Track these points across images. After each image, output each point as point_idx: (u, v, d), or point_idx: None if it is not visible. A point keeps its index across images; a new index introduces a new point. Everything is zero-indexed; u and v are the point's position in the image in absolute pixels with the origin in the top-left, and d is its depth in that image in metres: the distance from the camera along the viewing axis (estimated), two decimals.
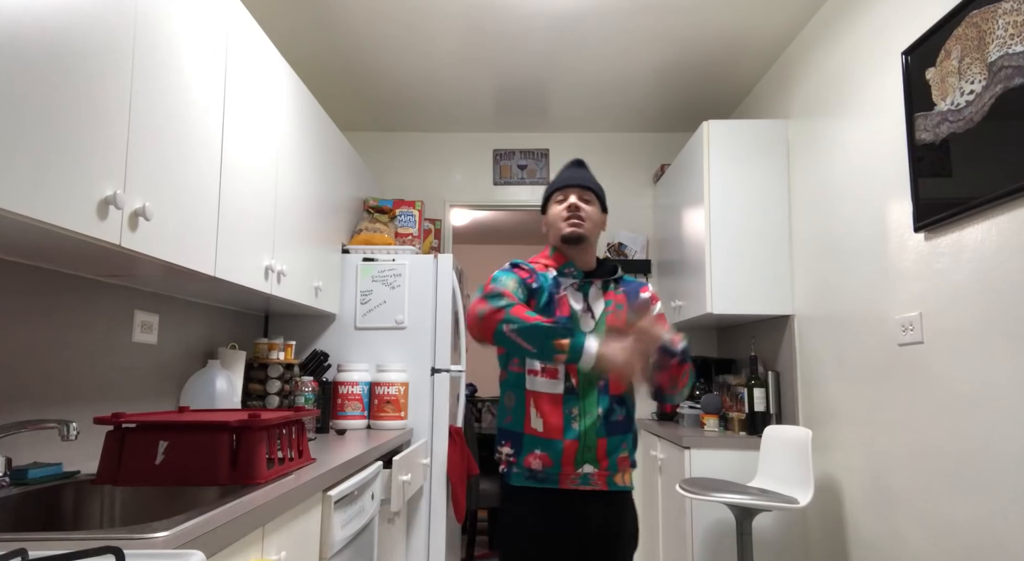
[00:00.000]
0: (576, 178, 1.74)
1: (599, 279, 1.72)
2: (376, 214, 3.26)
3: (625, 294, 1.74)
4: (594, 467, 1.60)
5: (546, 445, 1.59)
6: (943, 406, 1.89)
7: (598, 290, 1.71)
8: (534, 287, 1.65)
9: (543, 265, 1.74)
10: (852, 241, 2.41)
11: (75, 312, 1.65)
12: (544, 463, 1.59)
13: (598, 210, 1.75)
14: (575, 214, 1.69)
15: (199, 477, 1.36)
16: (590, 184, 1.74)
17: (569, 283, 1.69)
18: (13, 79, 1.03)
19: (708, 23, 2.80)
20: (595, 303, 1.69)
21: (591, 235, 1.71)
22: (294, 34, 2.91)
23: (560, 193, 1.74)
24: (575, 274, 1.71)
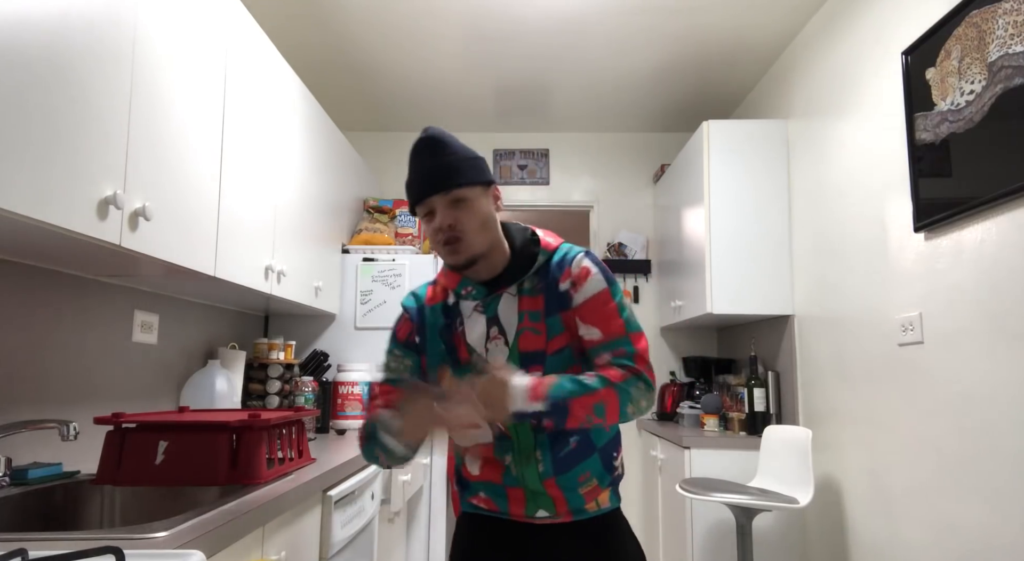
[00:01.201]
0: (434, 176, 1.19)
1: (507, 285, 1.24)
2: (376, 214, 3.26)
3: (544, 293, 1.24)
4: (550, 512, 1.24)
5: (487, 489, 1.28)
6: (943, 406, 1.89)
7: (511, 298, 1.24)
8: (416, 341, 1.29)
9: (440, 288, 1.31)
10: (852, 241, 2.41)
11: (75, 312, 1.65)
12: (489, 507, 1.29)
13: (480, 201, 1.22)
14: (450, 237, 1.19)
15: (199, 477, 1.36)
16: (454, 178, 1.19)
17: (472, 307, 1.26)
18: (13, 80, 1.03)
19: (708, 23, 2.80)
20: (507, 321, 1.23)
21: (482, 246, 1.21)
22: (294, 34, 2.91)
23: (423, 206, 1.22)
24: (474, 293, 1.25)
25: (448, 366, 1.25)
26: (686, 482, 2.50)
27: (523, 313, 1.23)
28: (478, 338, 1.24)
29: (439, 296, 1.31)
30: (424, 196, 1.20)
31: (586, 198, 4.04)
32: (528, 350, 1.22)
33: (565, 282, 1.24)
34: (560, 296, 1.23)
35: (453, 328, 1.27)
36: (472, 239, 1.20)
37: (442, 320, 1.28)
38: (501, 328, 1.23)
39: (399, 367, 1.30)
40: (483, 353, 1.23)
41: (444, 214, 1.19)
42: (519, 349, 1.22)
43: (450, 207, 1.19)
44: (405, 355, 1.30)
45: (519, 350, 1.22)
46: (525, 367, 1.20)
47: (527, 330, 1.22)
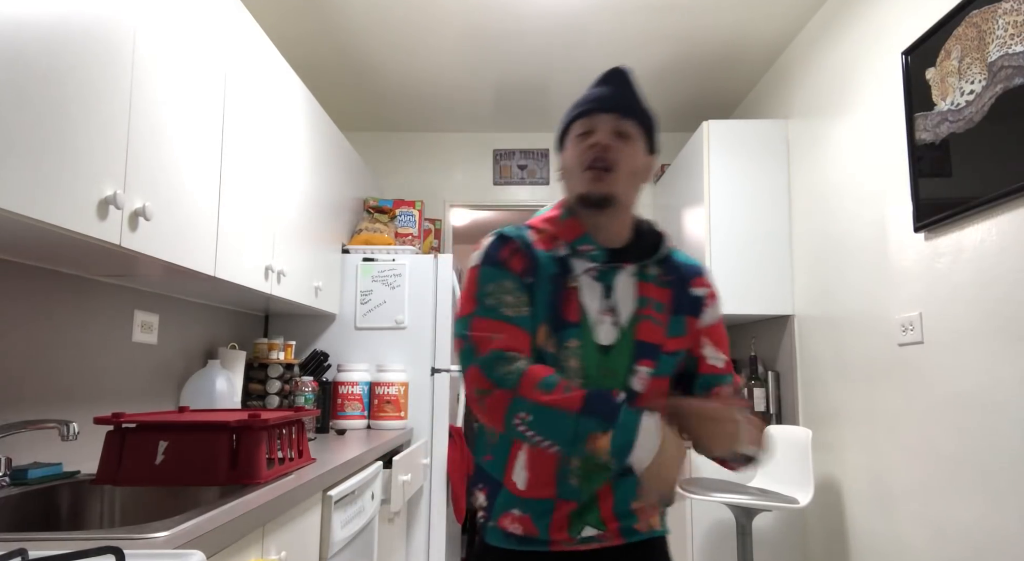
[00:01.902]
0: (611, 98, 1.09)
1: (631, 262, 1.11)
2: (376, 214, 3.26)
3: (671, 288, 1.13)
4: (599, 529, 1.06)
5: (527, 506, 1.06)
6: (943, 406, 1.89)
7: (630, 278, 1.10)
8: (529, 282, 1.07)
9: (548, 236, 1.12)
10: (852, 241, 2.41)
11: (75, 312, 1.65)
12: (525, 529, 1.07)
13: (642, 151, 1.11)
14: (601, 158, 1.07)
15: (199, 477, 1.36)
16: (632, 109, 1.10)
17: (584, 268, 1.08)
18: (13, 80, 1.03)
19: (708, 23, 2.80)
20: (623, 300, 1.08)
21: (625, 194, 1.09)
22: (294, 34, 2.91)
23: (583, 122, 1.10)
24: (594, 253, 1.09)
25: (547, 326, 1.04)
26: (686, 482, 2.50)
27: (646, 299, 1.09)
28: (589, 301, 1.06)
29: (547, 244, 1.10)
30: (594, 110, 1.09)
31: None
32: (646, 340, 1.07)
33: (700, 289, 1.15)
34: (692, 301, 1.14)
35: (564, 283, 1.07)
36: (622, 176, 1.07)
37: (554, 268, 1.07)
38: (613, 306, 1.07)
39: (519, 302, 1.04)
40: (594, 323, 1.05)
41: (604, 136, 1.08)
42: (635, 336, 1.06)
43: (614, 135, 1.08)
44: (521, 291, 1.05)
45: (635, 338, 1.06)
46: (636, 359, 1.06)
47: (649, 319, 1.08)
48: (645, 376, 1.06)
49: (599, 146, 1.07)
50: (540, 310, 1.06)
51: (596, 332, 1.05)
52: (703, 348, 1.14)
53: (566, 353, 1.04)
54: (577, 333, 1.04)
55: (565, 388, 0.95)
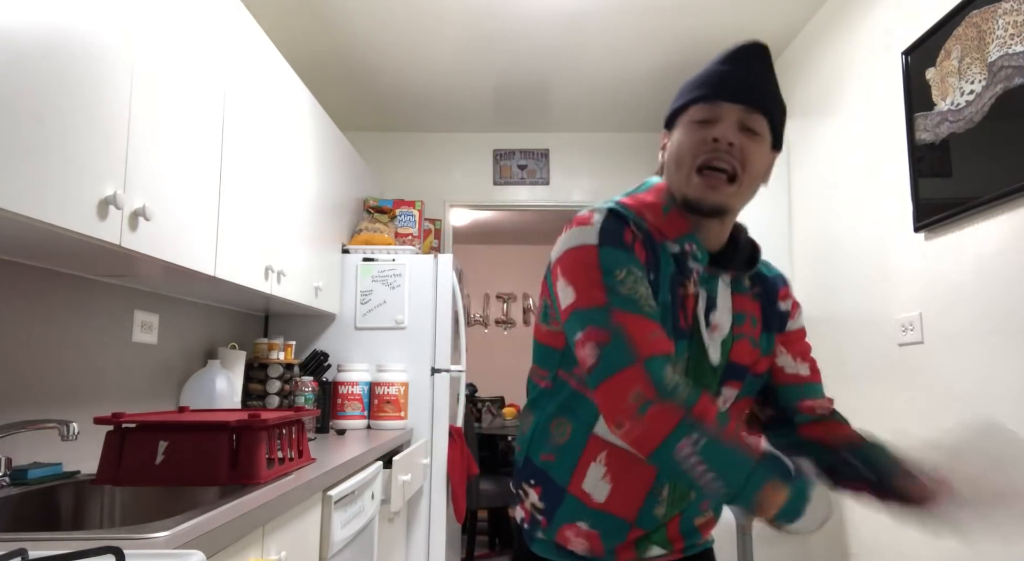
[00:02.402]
0: (744, 85, 0.91)
1: (731, 271, 0.98)
2: (376, 214, 3.26)
3: (760, 301, 1.01)
4: (664, 549, 0.99)
5: (600, 521, 0.95)
6: (943, 406, 1.89)
7: (725, 288, 0.97)
8: (651, 278, 0.91)
9: (656, 228, 0.95)
10: (852, 241, 2.41)
11: (75, 312, 1.65)
12: (590, 545, 0.96)
13: (768, 150, 0.95)
14: (723, 161, 0.90)
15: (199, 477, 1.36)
16: (766, 101, 0.92)
17: (694, 269, 0.95)
18: (13, 80, 1.03)
19: (708, 23, 2.80)
20: (722, 314, 0.96)
21: (741, 204, 0.96)
22: (294, 34, 2.91)
23: (704, 109, 0.92)
24: (698, 255, 0.95)
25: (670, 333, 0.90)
26: None
27: (743, 315, 0.96)
28: (703, 313, 0.93)
29: (657, 237, 0.94)
30: (722, 97, 0.91)
31: (586, 198, 4.04)
32: (739, 362, 0.96)
33: (786, 302, 1.04)
34: (779, 315, 1.03)
35: (683, 285, 0.92)
36: (744, 184, 0.91)
37: (673, 267, 0.93)
38: (715, 318, 0.94)
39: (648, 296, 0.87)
40: (706, 337, 0.93)
41: (730, 130, 0.90)
42: (730, 358, 0.95)
43: (740, 129, 0.91)
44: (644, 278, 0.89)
45: (730, 358, 0.95)
46: (725, 380, 0.95)
47: (746, 338, 0.96)
48: (730, 398, 0.97)
49: (722, 144, 0.89)
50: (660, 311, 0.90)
51: (708, 346, 0.93)
52: (779, 357, 1.03)
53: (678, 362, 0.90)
54: (687, 346, 0.91)
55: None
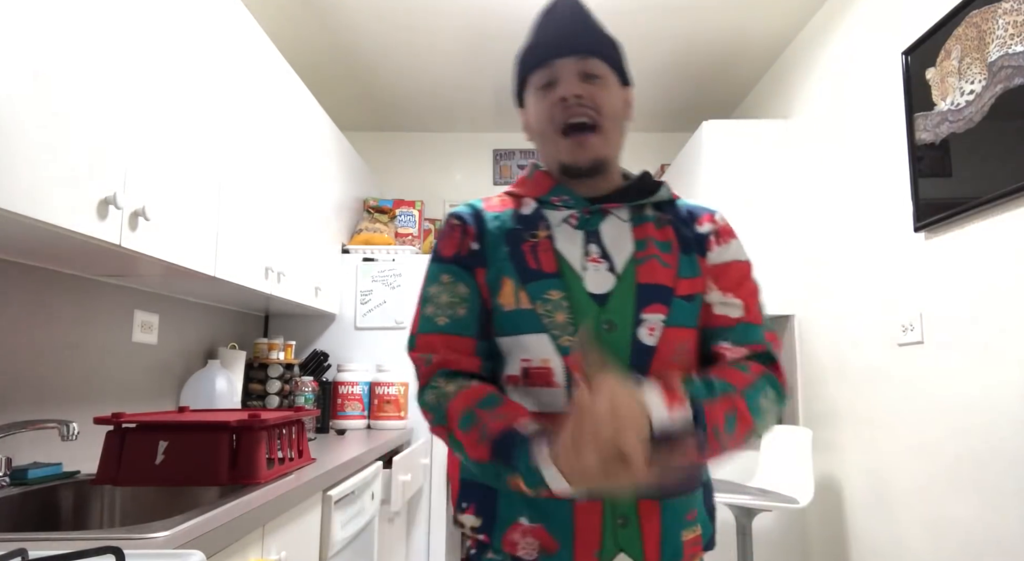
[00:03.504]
0: (567, 37, 0.92)
1: (620, 203, 0.95)
2: (376, 214, 3.26)
3: (673, 226, 0.95)
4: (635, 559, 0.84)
5: (542, 509, 0.85)
6: (943, 406, 1.89)
7: (622, 223, 0.93)
8: (475, 249, 0.94)
9: (513, 198, 0.99)
10: (852, 241, 2.41)
11: (75, 312, 1.65)
12: (544, 545, 0.84)
13: (617, 89, 0.95)
14: (577, 114, 0.91)
15: (199, 477, 1.36)
16: (595, 44, 0.93)
17: (562, 217, 0.94)
18: (13, 81, 1.03)
19: (708, 23, 2.80)
20: (615, 246, 0.91)
21: (615, 149, 0.95)
22: (294, 34, 2.91)
23: (542, 73, 0.94)
24: (570, 202, 0.94)
25: (512, 281, 0.89)
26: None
27: (647, 240, 0.92)
28: (568, 248, 0.90)
29: (508, 205, 0.98)
30: (552, 56, 0.92)
31: None
32: (652, 283, 0.88)
33: (705, 225, 0.96)
34: (698, 238, 0.95)
35: (525, 236, 0.92)
36: (607, 129, 0.91)
37: (511, 224, 0.94)
38: (604, 251, 0.90)
39: (454, 301, 0.91)
40: (578, 272, 0.89)
41: (572, 84, 0.90)
42: (638, 279, 0.88)
43: (581, 80, 0.91)
44: (458, 278, 0.93)
45: (637, 281, 0.88)
46: (642, 306, 0.87)
47: (653, 258, 0.90)
48: (658, 324, 0.86)
49: (570, 99, 0.90)
50: (500, 268, 0.91)
51: (584, 281, 0.88)
52: (708, 293, 0.93)
53: (548, 306, 0.87)
54: (558, 283, 0.88)
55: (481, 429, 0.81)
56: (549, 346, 0.86)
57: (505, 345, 0.91)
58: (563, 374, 0.86)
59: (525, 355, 0.88)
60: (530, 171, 1.01)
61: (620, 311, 0.87)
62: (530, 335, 0.87)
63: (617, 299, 0.87)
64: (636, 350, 0.85)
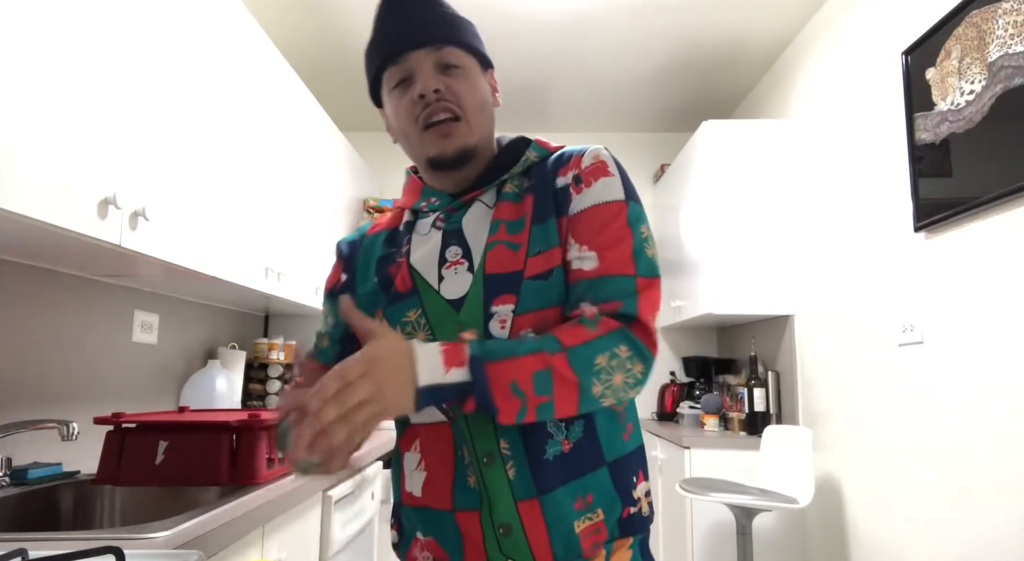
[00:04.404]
0: (415, 27, 0.85)
1: (480, 188, 0.89)
2: (376, 214, 3.26)
3: (533, 194, 0.87)
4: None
5: (431, 521, 0.83)
6: (943, 406, 1.89)
7: (486, 210, 0.88)
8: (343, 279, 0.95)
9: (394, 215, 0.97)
10: (852, 241, 2.41)
11: (75, 312, 1.65)
12: (436, 558, 0.83)
13: (479, 75, 0.90)
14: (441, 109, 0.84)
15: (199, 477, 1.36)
16: (446, 32, 0.86)
17: (430, 224, 0.90)
18: (13, 81, 1.03)
19: (708, 23, 2.80)
20: (475, 238, 0.86)
21: (481, 137, 0.88)
22: (294, 34, 2.90)
23: (395, 70, 0.87)
24: (436, 204, 0.90)
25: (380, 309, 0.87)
26: (686, 482, 2.50)
27: (498, 222, 0.85)
28: (425, 259, 0.86)
29: (392, 222, 0.95)
30: (401, 50, 0.84)
31: None
32: (496, 271, 0.81)
33: (566, 175, 0.86)
34: (556, 195, 0.85)
35: (395, 258, 0.89)
36: (472, 119, 0.85)
37: (381, 250, 0.91)
38: (466, 248, 0.84)
39: (321, 331, 0.97)
40: (434, 282, 0.84)
41: (429, 78, 0.84)
42: (485, 270, 0.82)
43: (439, 72, 0.85)
44: (330, 311, 0.96)
45: (485, 272, 0.82)
46: (490, 298, 0.80)
47: (499, 244, 0.83)
48: (508, 315, 0.79)
49: (429, 96, 0.83)
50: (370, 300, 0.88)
51: (442, 289, 0.83)
52: (568, 251, 0.83)
53: (408, 328, 0.83)
54: (413, 302, 0.84)
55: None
56: None
57: None
58: None
59: None
60: (406, 178, 0.97)
61: (471, 311, 0.81)
62: None
63: (470, 299, 0.82)
64: None
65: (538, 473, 0.78)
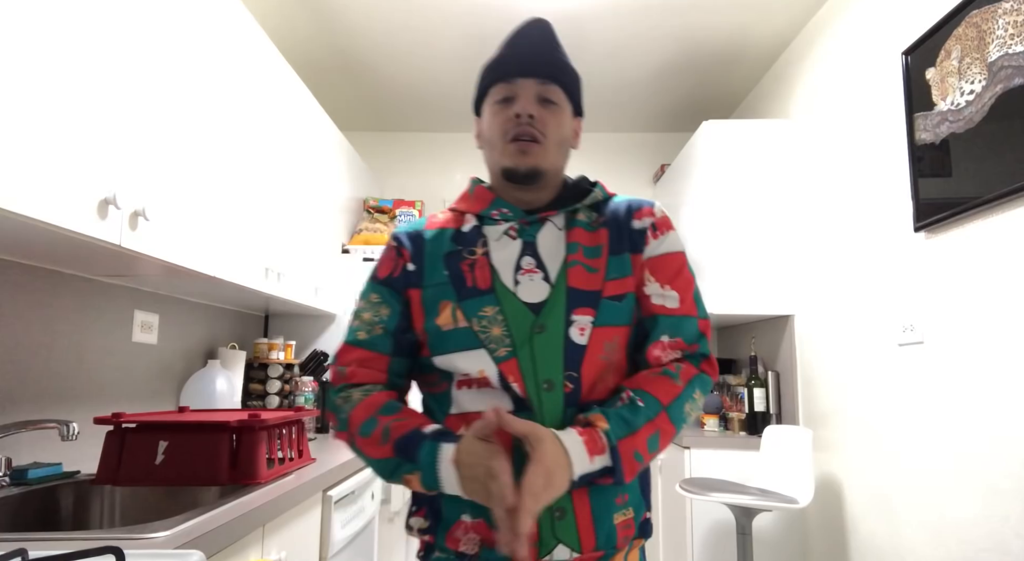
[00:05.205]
0: (533, 60, 0.98)
1: (555, 210, 1.00)
2: (376, 214, 3.26)
3: (608, 227, 1.00)
4: (573, 549, 0.88)
5: (482, 507, 0.88)
6: (943, 406, 1.89)
7: (558, 231, 0.99)
8: (410, 270, 0.99)
9: (455, 216, 1.05)
10: (852, 241, 2.41)
11: (75, 312, 1.65)
12: (484, 539, 0.90)
13: (569, 117, 1.02)
14: (528, 131, 0.96)
15: (199, 477, 1.36)
16: (557, 73, 0.99)
17: (502, 230, 1.00)
18: (13, 81, 1.03)
19: (708, 23, 2.80)
20: (550, 254, 0.97)
21: (553, 166, 1.00)
22: (294, 35, 2.91)
23: (503, 88, 0.99)
24: (508, 215, 1.00)
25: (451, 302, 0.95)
26: (686, 482, 2.50)
27: (575, 245, 0.97)
28: (503, 262, 0.96)
29: (450, 223, 1.03)
30: (516, 75, 0.98)
31: None
32: (578, 287, 0.94)
33: (643, 220, 1.00)
34: (633, 235, 1.00)
35: (464, 255, 0.98)
36: (550, 148, 0.98)
37: (450, 246, 1.00)
38: (540, 261, 0.96)
39: (375, 319, 0.99)
40: (511, 284, 0.95)
41: (529, 104, 0.97)
42: (568, 283, 0.94)
43: (538, 102, 0.98)
44: (385, 300, 0.99)
45: (568, 285, 0.94)
46: (572, 308, 0.93)
47: (579, 264, 0.96)
48: (587, 325, 0.93)
49: (523, 117, 0.96)
50: (438, 292, 0.97)
51: (519, 292, 0.94)
52: (646, 285, 0.98)
53: (484, 322, 0.93)
54: (492, 299, 0.94)
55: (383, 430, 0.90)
56: (486, 358, 0.92)
57: (444, 362, 0.95)
58: (498, 377, 0.91)
59: (465, 369, 0.93)
60: (471, 186, 1.06)
61: (553, 315, 0.93)
62: (468, 351, 0.93)
63: (551, 305, 0.94)
64: (568, 348, 0.92)
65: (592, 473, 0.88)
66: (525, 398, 0.90)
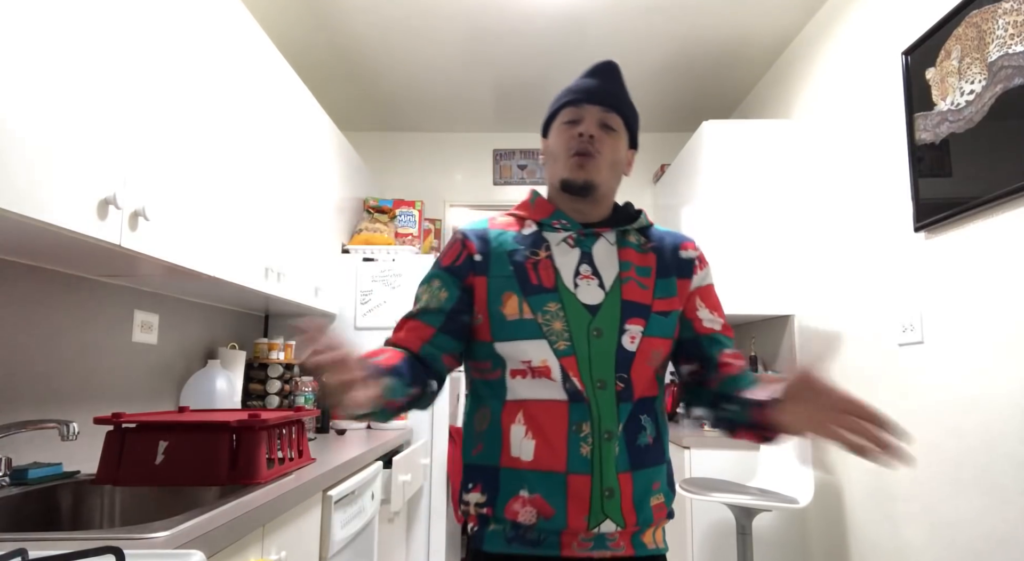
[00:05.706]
0: (600, 91, 1.14)
1: (609, 228, 1.15)
2: (376, 214, 3.26)
3: (656, 252, 1.15)
4: (618, 524, 1.02)
5: (540, 481, 1.02)
6: (943, 406, 1.89)
7: (610, 246, 1.13)
8: (476, 260, 1.11)
9: (516, 219, 1.18)
10: (852, 241, 2.41)
11: (75, 312, 1.65)
12: (541, 512, 1.02)
13: (624, 145, 1.16)
14: (586, 148, 1.11)
15: (199, 477, 1.36)
16: (619, 104, 1.14)
17: (560, 238, 1.13)
18: (13, 81, 1.04)
19: (708, 23, 2.80)
20: (604, 265, 1.11)
21: (606, 183, 1.13)
22: (295, 34, 2.91)
23: (571, 111, 1.14)
24: (568, 226, 1.14)
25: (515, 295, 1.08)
26: (686, 482, 2.50)
27: (628, 263, 1.12)
28: (565, 266, 1.10)
29: (512, 226, 1.17)
30: (585, 101, 1.13)
31: None
32: (633, 300, 1.09)
33: (688, 252, 1.18)
34: (681, 263, 1.17)
35: (527, 254, 1.11)
36: (603, 166, 1.12)
37: (513, 245, 1.12)
38: (595, 269, 1.10)
39: (432, 300, 1.11)
40: (571, 286, 1.08)
41: (591, 126, 1.12)
42: (622, 296, 1.09)
43: (599, 126, 1.13)
44: (445, 285, 1.11)
45: (622, 297, 1.09)
46: (625, 318, 1.07)
47: (632, 280, 1.11)
48: (637, 334, 1.07)
49: (585, 135, 1.11)
50: (503, 283, 1.09)
51: (578, 294, 1.08)
52: (698, 311, 1.16)
53: (547, 316, 1.06)
54: (555, 297, 1.07)
55: None
56: (547, 349, 1.04)
57: (506, 348, 1.06)
58: (559, 371, 1.04)
59: (526, 357, 1.05)
60: (531, 197, 1.20)
61: (608, 321, 1.06)
62: (531, 340, 1.05)
63: (606, 310, 1.07)
64: (620, 353, 1.06)
65: (633, 454, 1.04)
66: (582, 392, 1.03)
